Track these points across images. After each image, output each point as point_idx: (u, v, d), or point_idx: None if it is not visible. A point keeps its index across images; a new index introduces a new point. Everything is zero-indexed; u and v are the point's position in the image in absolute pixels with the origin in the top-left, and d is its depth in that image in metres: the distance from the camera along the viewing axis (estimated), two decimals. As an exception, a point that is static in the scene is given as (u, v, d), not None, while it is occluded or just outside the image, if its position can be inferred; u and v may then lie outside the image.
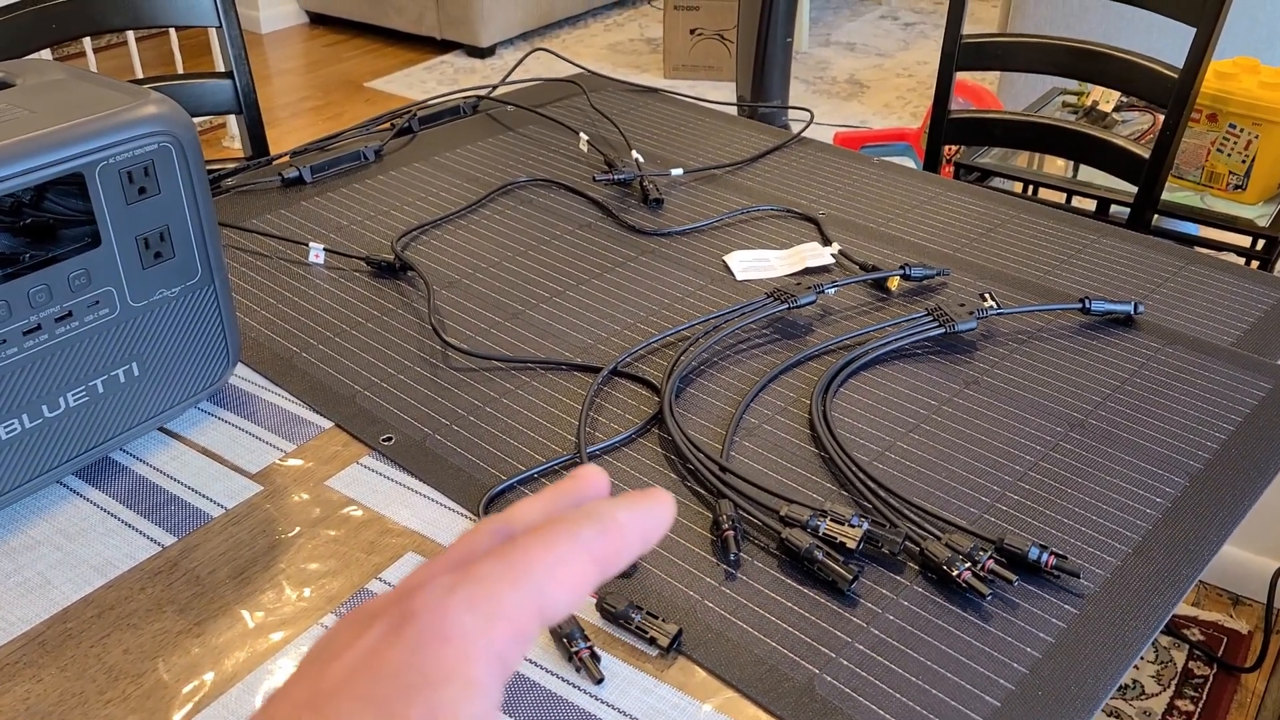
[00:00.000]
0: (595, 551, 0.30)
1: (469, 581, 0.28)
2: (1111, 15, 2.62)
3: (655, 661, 0.59)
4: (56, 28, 1.20)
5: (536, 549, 0.29)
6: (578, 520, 0.30)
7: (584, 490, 0.33)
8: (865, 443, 0.75)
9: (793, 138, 1.23)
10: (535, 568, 0.29)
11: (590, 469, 0.34)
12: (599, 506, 0.31)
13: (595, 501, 0.32)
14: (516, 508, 0.33)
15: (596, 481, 0.34)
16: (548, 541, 0.29)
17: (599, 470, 0.34)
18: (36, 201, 0.66)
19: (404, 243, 1.01)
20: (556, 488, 0.33)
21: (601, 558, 0.30)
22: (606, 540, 0.30)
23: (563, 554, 0.29)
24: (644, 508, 0.31)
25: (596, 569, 0.30)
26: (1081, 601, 0.61)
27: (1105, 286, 0.93)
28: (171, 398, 0.73)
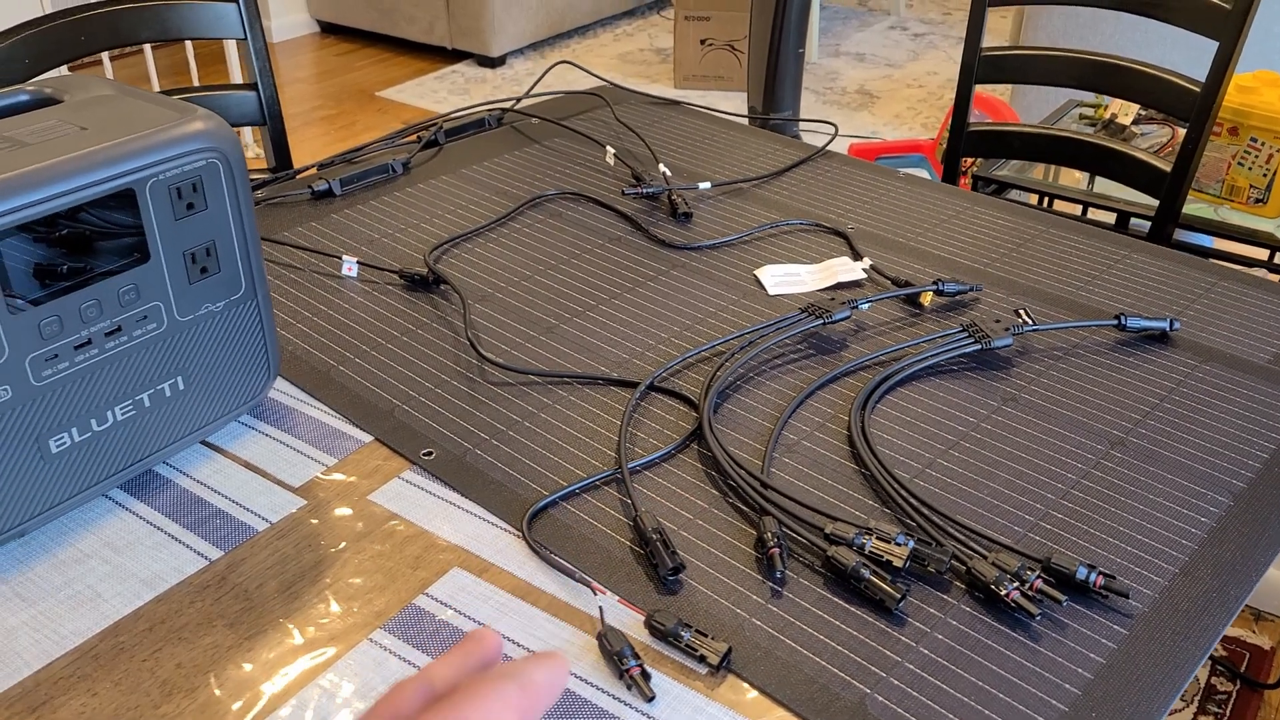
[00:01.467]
0: (518, 708, 0.34)
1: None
2: (1125, 26, 2.63)
3: (705, 680, 0.59)
4: (86, 40, 1.21)
5: (470, 707, 0.33)
6: (501, 681, 0.35)
7: (485, 651, 0.38)
8: (905, 459, 0.75)
9: (818, 151, 1.23)
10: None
11: (483, 632, 0.39)
12: (516, 668, 0.36)
13: (510, 664, 0.36)
14: (430, 669, 0.37)
15: (492, 642, 0.39)
16: (479, 700, 0.34)
17: (492, 632, 0.39)
18: (88, 217, 0.66)
19: (436, 256, 1.01)
20: (461, 649, 0.38)
21: (522, 712, 0.35)
22: (526, 697, 0.35)
23: (492, 711, 0.34)
24: (550, 666, 0.36)
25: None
26: (1131, 622, 0.61)
27: (1138, 302, 0.93)
28: (214, 411, 0.74)
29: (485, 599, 0.64)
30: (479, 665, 0.38)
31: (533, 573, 0.66)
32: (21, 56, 1.16)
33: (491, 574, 0.66)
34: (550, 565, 0.66)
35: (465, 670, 0.37)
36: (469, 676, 0.36)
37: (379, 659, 0.60)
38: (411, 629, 0.62)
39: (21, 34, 1.17)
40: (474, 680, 0.35)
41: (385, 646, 0.61)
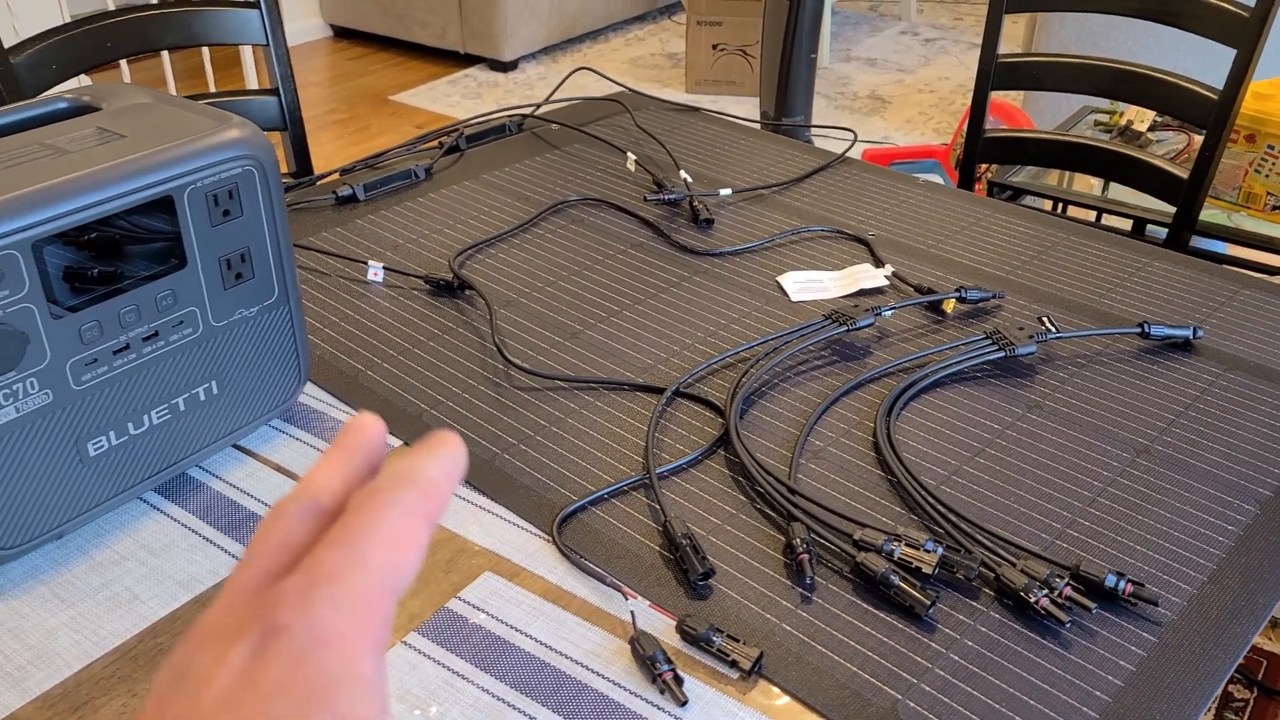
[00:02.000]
0: (422, 514, 0.31)
1: (323, 582, 0.28)
2: (1138, 33, 2.63)
3: (737, 684, 0.59)
4: (112, 46, 1.22)
5: (372, 530, 0.30)
6: (396, 488, 0.31)
7: (369, 444, 0.33)
8: (931, 466, 0.75)
9: (838, 157, 1.24)
10: (378, 549, 0.29)
11: (360, 420, 0.34)
12: (409, 468, 0.31)
13: (401, 464, 0.32)
14: (312, 479, 0.32)
15: (373, 430, 0.34)
16: (380, 519, 0.30)
17: (370, 417, 0.34)
18: (127, 225, 0.67)
19: (460, 261, 1.02)
20: (340, 445, 0.33)
21: (428, 517, 0.31)
22: (428, 501, 0.31)
23: (397, 528, 0.30)
24: (445, 456, 0.32)
25: (427, 529, 0.31)
26: (1160, 630, 0.62)
27: (1161, 310, 0.94)
28: (247, 415, 0.74)
29: (517, 603, 0.65)
30: (364, 465, 0.33)
31: (563, 577, 0.66)
32: (50, 62, 1.17)
33: (523, 578, 0.66)
34: (581, 570, 0.67)
35: (351, 475, 0.33)
36: (359, 488, 0.31)
37: (413, 661, 0.61)
38: (445, 632, 0.63)
39: (49, 40, 1.18)
40: (367, 495, 0.31)
41: (419, 649, 0.62)
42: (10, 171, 0.61)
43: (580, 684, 0.59)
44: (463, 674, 0.60)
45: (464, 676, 0.60)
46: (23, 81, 1.16)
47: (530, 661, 0.61)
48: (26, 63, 1.17)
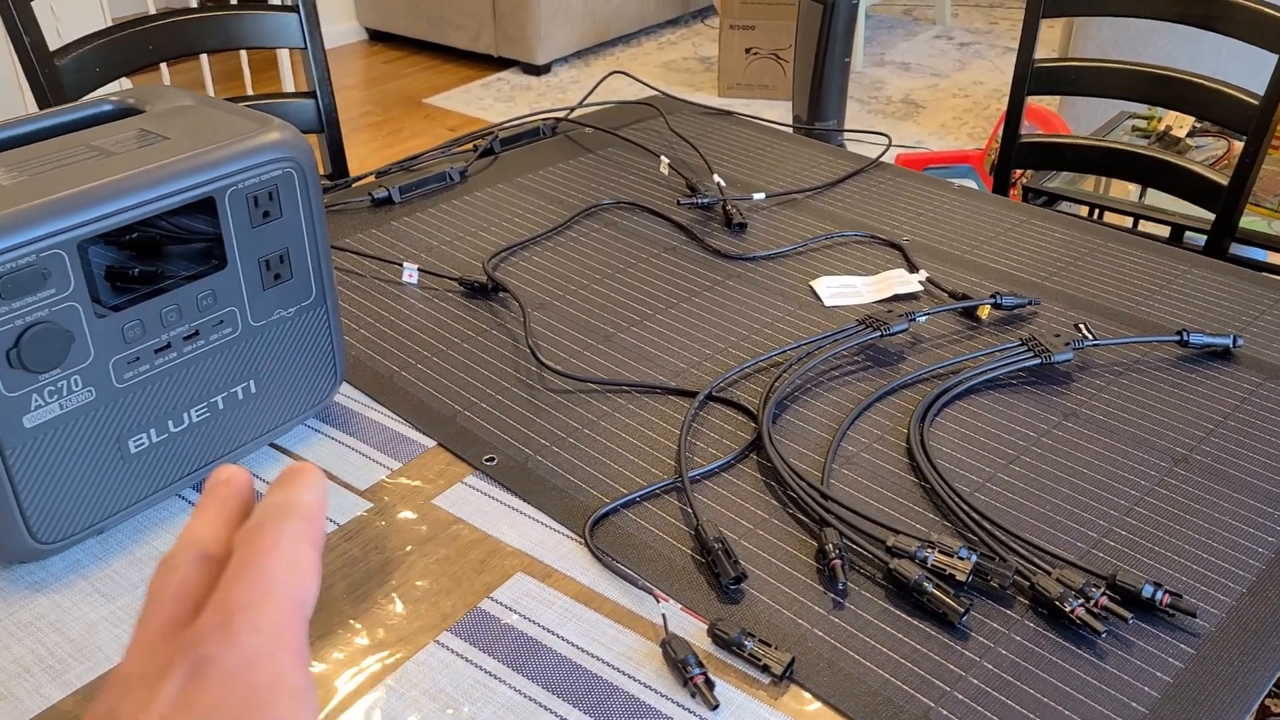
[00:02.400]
0: (308, 539, 0.33)
1: (238, 612, 0.30)
2: (1178, 37, 2.60)
3: (769, 689, 0.59)
4: (153, 50, 1.23)
5: (270, 559, 0.32)
6: (280, 520, 0.33)
7: (239, 492, 0.36)
8: (965, 473, 0.75)
9: (872, 162, 1.23)
10: (280, 574, 0.32)
11: (225, 472, 0.37)
12: (285, 500, 0.34)
13: (275, 498, 0.34)
14: (192, 530, 0.35)
15: (241, 479, 0.37)
16: (274, 548, 0.32)
17: (234, 467, 0.37)
18: (169, 225, 0.68)
19: (495, 263, 1.02)
20: (214, 499, 0.36)
21: (314, 542, 0.33)
22: (311, 527, 0.34)
23: (292, 553, 0.32)
24: (311, 486, 0.35)
25: (316, 553, 0.33)
26: (1198, 641, 0.61)
27: (1200, 318, 0.93)
28: (283, 414, 0.75)
29: (549, 604, 0.65)
30: (239, 511, 0.36)
31: (595, 579, 0.67)
32: (93, 65, 1.18)
33: (555, 579, 0.67)
34: (613, 572, 0.67)
35: (229, 522, 0.35)
36: (241, 529, 0.34)
37: (446, 661, 0.61)
38: (477, 632, 0.63)
39: (92, 44, 1.20)
40: (253, 531, 0.33)
41: (452, 649, 0.62)
42: (56, 173, 0.62)
43: (611, 686, 0.60)
44: (495, 674, 0.60)
45: (496, 676, 0.60)
46: (66, 84, 1.18)
47: (562, 663, 0.61)
48: (70, 65, 1.18)
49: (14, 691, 0.59)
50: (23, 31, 1.12)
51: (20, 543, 0.63)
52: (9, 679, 0.60)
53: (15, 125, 0.69)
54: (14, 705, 0.58)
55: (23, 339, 0.58)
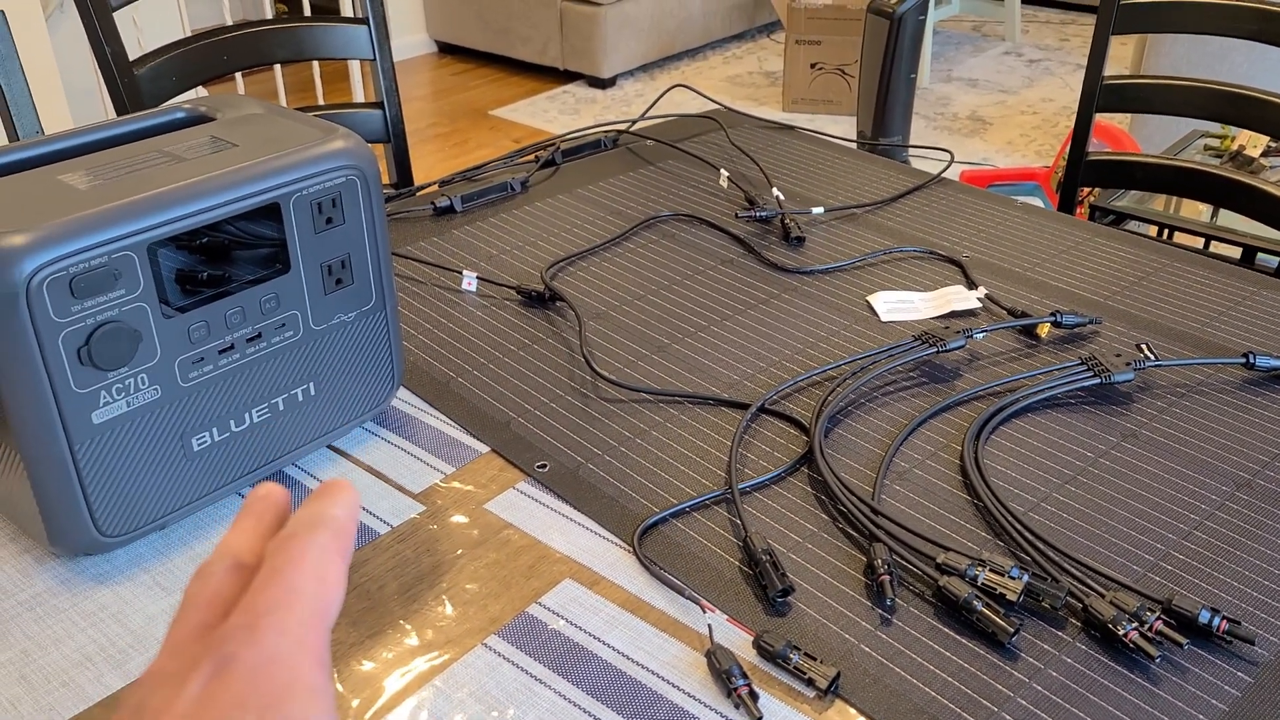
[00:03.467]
0: (337, 551, 0.35)
1: (264, 614, 0.32)
2: (1255, 55, 2.55)
3: (813, 703, 0.59)
4: (228, 59, 1.27)
5: (298, 567, 0.34)
6: (311, 532, 0.35)
7: (275, 507, 0.38)
8: (1019, 492, 0.74)
9: (933, 178, 1.23)
10: (308, 582, 0.34)
11: (265, 489, 0.39)
12: (317, 513, 0.36)
13: (307, 511, 0.36)
14: (229, 541, 0.37)
15: (278, 494, 0.39)
16: (303, 558, 0.34)
17: (273, 484, 0.39)
18: (234, 230, 0.70)
19: (552, 273, 1.03)
20: (251, 514, 0.38)
21: (342, 554, 0.35)
22: (340, 539, 0.35)
23: (319, 563, 0.34)
24: (344, 502, 0.37)
25: (343, 564, 0.35)
26: (1256, 670, 0.60)
27: (1267, 341, 0.91)
28: (341, 417, 0.77)
29: (596, 611, 0.65)
30: (274, 523, 0.38)
31: (642, 588, 0.67)
32: (170, 74, 1.22)
33: (602, 587, 0.67)
34: (660, 581, 0.67)
35: (264, 535, 0.37)
36: (273, 539, 0.36)
37: (493, 664, 0.62)
38: (524, 637, 0.64)
39: (169, 54, 1.24)
40: (284, 540, 0.35)
41: (499, 652, 0.63)
42: (129, 177, 0.64)
43: (655, 694, 0.60)
44: (540, 679, 0.61)
45: (542, 681, 0.61)
46: (144, 92, 1.22)
47: (607, 669, 0.61)
48: (149, 74, 1.22)
49: (76, 679, 0.61)
50: (104, 41, 1.16)
51: (86, 535, 0.65)
52: (71, 667, 0.62)
53: (93, 131, 0.72)
54: (75, 693, 0.60)
55: (93, 337, 0.60)
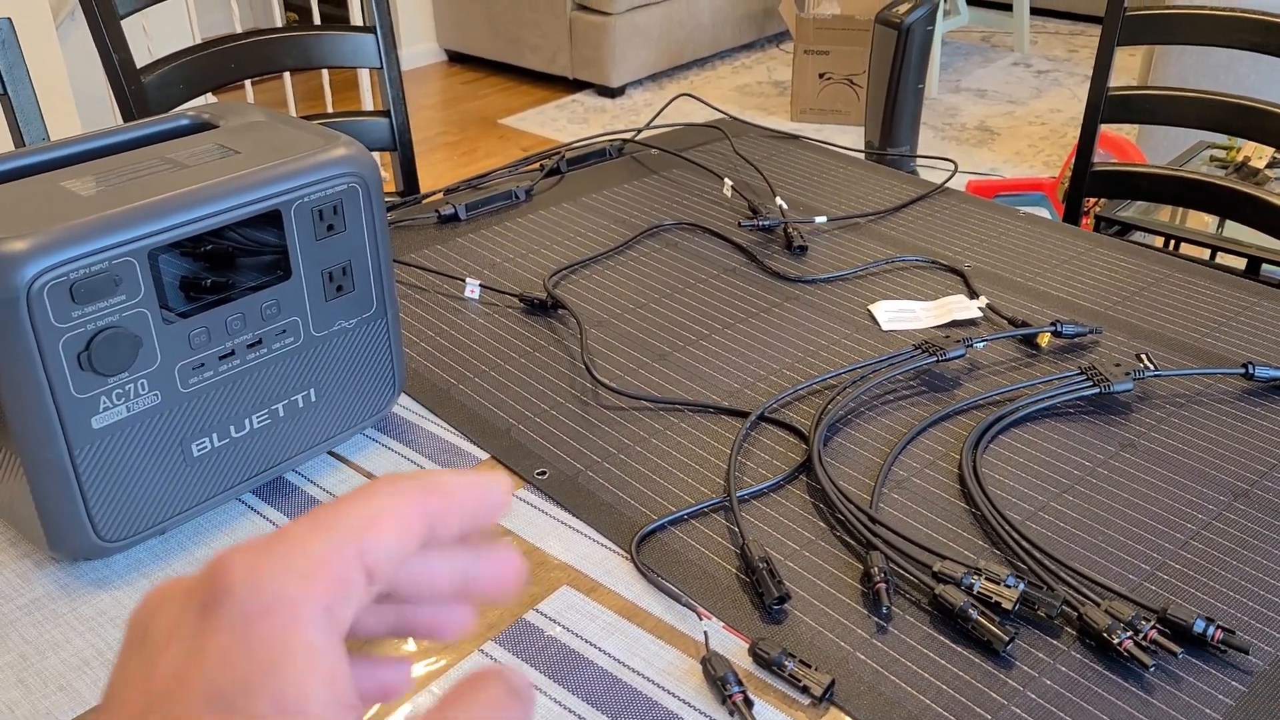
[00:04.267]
0: (419, 505, 0.29)
1: (277, 543, 0.27)
2: (1263, 67, 2.55)
3: (808, 710, 0.59)
4: (235, 68, 1.28)
5: (350, 503, 0.28)
6: (400, 478, 0.30)
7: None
8: (1017, 501, 0.74)
9: (937, 188, 1.23)
10: (349, 517, 0.28)
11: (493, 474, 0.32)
12: (430, 474, 0.31)
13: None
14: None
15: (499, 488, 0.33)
16: (365, 496, 0.29)
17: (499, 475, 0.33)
18: (235, 236, 0.70)
19: (555, 281, 1.04)
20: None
21: (426, 511, 0.29)
22: (431, 497, 0.30)
23: (381, 505, 0.29)
24: (475, 480, 0.31)
25: (421, 520, 0.29)
26: (1250, 679, 0.60)
27: (1266, 351, 0.91)
28: (342, 423, 0.77)
29: (593, 617, 0.66)
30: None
31: (640, 594, 0.67)
32: (177, 81, 1.23)
33: (599, 594, 0.67)
34: (657, 588, 0.68)
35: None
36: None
37: (489, 670, 0.62)
38: (521, 643, 0.64)
39: (177, 61, 1.25)
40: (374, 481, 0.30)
41: (495, 658, 0.63)
42: (132, 183, 0.64)
43: (651, 701, 0.60)
44: (536, 685, 0.61)
45: (537, 687, 0.61)
46: (152, 100, 1.23)
47: (603, 676, 0.62)
48: (156, 82, 1.23)
49: (74, 684, 0.61)
50: (112, 49, 1.17)
51: (85, 540, 0.66)
52: (69, 671, 0.62)
53: (97, 138, 0.72)
54: (73, 697, 0.61)
55: (93, 342, 0.60)
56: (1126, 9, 1.44)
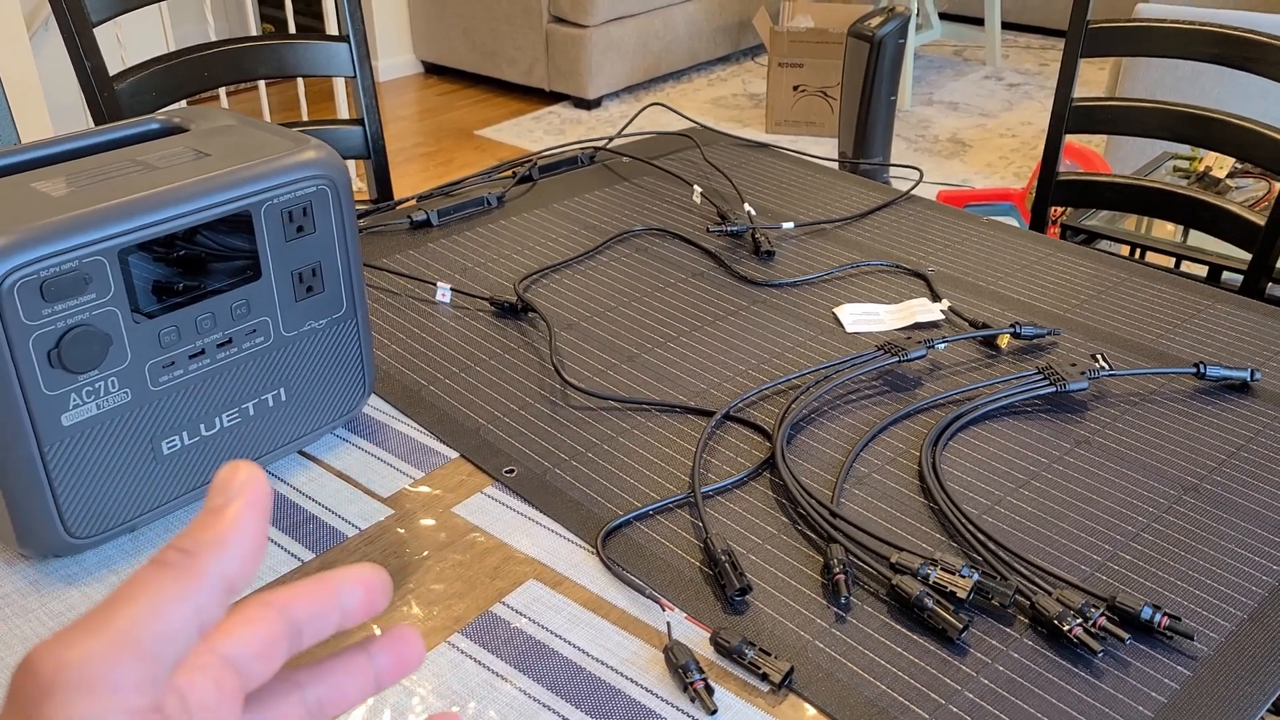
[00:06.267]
0: (266, 603, 0.30)
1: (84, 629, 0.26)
2: (1225, 79, 2.59)
3: (767, 697, 0.61)
4: (208, 76, 1.29)
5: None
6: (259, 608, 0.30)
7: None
8: (975, 496, 0.76)
9: (902, 195, 1.25)
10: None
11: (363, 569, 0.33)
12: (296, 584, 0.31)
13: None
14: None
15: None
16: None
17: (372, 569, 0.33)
18: (206, 237, 0.71)
19: (525, 285, 1.05)
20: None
21: (276, 607, 0.30)
22: (283, 619, 0.30)
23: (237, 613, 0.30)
24: (340, 580, 0.32)
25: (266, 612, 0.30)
26: (1195, 664, 0.61)
27: (1220, 352, 0.93)
28: (312, 423, 0.78)
29: (558, 610, 0.67)
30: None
31: (604, 588, 0.68)
32: (149, 89, 1.24)
33: (565, 587, 0.69)
34: (622, 581, 0.69)
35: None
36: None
37: (455, 661, 0.63)
38: (487, 635, 0.65)
39: (150, 69, 1.25)
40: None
41: (462, 650, 0.64)
42: (103, 185, 0.65)
43: (614, 689, 0.61)
44: (502, 675, 0.62)
45: (503, 677, 0.62)
46: (125, 107, 1.23)
47: (567, 666, 0.63)
48: (129, 89, 1.24)
49: (44, 675, 0.62)
50: (85, 56, 1.18)
51: (55, 536, 0.67)
52: (40, 663, 0.63)
53: (69, 140, 0.73)
54: (44, 688, 0.61)
55: (63, 340, 0.61)
56: (1090, 21, 1.47)
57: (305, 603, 0.31)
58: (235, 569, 0.28)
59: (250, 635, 0.30)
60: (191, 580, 0.27)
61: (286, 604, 0.31)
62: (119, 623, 0.26)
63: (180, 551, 0.28)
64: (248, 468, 0.30)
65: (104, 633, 0.26)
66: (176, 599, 0.27)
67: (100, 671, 0.25)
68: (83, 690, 0.25)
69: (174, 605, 0.27)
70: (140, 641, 0.26)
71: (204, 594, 0.27)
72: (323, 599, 0.31)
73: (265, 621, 0.30)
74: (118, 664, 0.25)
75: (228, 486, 0.29)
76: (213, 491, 0.29)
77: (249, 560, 0.28)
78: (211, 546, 0.28)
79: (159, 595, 0.27)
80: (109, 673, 0.25)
